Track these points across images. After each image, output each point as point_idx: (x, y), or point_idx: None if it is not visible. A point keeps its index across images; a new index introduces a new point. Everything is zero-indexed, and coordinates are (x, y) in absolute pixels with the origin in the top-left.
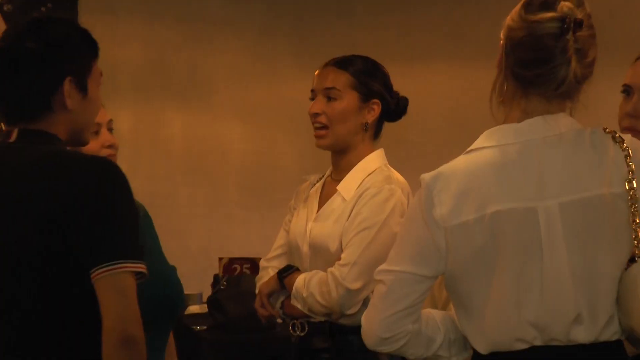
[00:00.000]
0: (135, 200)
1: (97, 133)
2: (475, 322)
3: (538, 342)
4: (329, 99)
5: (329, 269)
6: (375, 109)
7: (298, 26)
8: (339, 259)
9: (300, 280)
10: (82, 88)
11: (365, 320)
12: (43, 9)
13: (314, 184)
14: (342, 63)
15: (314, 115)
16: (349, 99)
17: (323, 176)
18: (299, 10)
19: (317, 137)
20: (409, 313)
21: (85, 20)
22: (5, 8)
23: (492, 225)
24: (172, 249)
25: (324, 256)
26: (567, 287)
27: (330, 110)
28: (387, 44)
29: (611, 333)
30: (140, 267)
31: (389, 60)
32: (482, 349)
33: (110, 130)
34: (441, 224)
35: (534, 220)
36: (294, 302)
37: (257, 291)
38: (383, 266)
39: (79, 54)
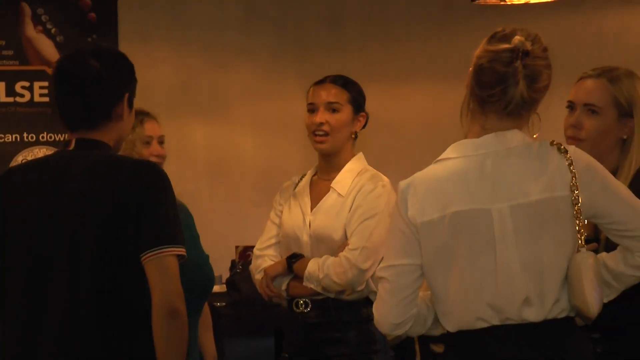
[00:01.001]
0: (178, 201)
1: (148, 144)
2: (443, 304)
3: (496, 322)
4: (333, 111)
5: (341, 254)
6: (361, 121)
7: (300, 53)
8: (344, 245)
9: (313, 264)
10: (130, 104)
11: (377, 311)
12: (89, 39)
13: (296, 183)
14: (341, 82)
15: (319, 125)
16: (347, 112)
17: (303, 176)
18: (301, 40)
19: (318, 142)
20: (412, 299)
21: (124, 48)
22: (58, 39)
23: (452, 223)
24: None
25: (326, 244)
26: (517, 275)
27: (333, 120)
28: (374, 67)
29: (559, 311)
30: (181, 250)
31: (376, 80)
32: (451, 328)
33: (161, 143)
34: (412, 222)
35: (489, 219)
36: (306, 283)
37: (258, 276)
38: (382, 264)
39: (131, 74)
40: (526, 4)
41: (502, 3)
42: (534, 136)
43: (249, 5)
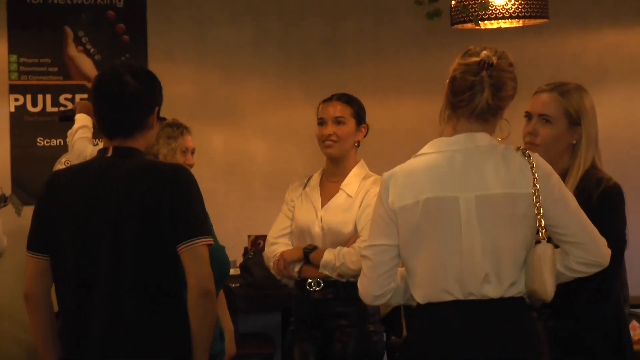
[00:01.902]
0: None
1: (185, 153)
2: (415, 279)
3: (460, 296)
4: (339, 124)
5: (354, 245)
6: (363, 131)
7: (303, 70)
8: (352, 237)
9: (329, 254)
10: (158, 115)
11: (361, 285)
12: (123, 58)
13: (305, 184)
14: (345, 99)
15: (328, 136)
16: (350, 124)
17: (310, 178)
18: (304, 59)
19: (327, 147)
20: (390, 274)
21: (152, 66)
22: (95, 58)
23: (425, 208)
24: (215, 230)
25: (336, 235)
26: (478, 255)
27: (340, 132)
28: (368, 83)
29: (515, 292)
30: (210, 240)
31: (370, 93)
32: (420, 300)
33: (192, 154)
34: (391, 207)
35: (456, 206)
36: (322, 270)
37: (276, 259)
38: (365, 244)
39: (160, 89)
40: (498, 29)
41: (477, 28)
42: (499, 139)
43: (258, 29)
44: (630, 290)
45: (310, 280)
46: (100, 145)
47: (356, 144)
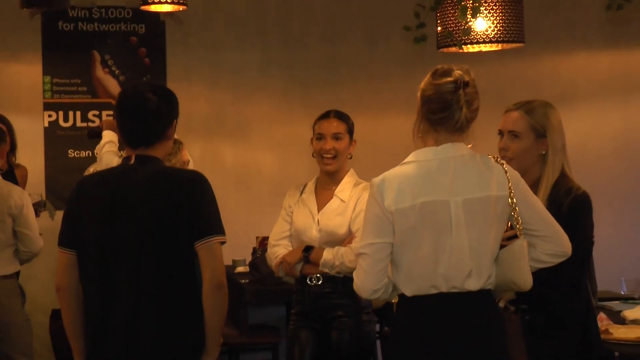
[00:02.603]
0: None
1: (183, 166)
2: (405, 273)
3: (444, 289)
4: (337, 139)
5: (351, 245)
6: (354, 145)
7: (304, 90)
8: (347, 238)
9: (328, 254)
10: (174, 128)
11: (360, 280)
12: (144, 78)
13: (301, 190)
14: (341, 117)
15: (328, 150)
16: (346, 140)
17: (305, 185)
18: (305, 80)
19: (327, 164)
20: (385, 270)
21: (171, 85)
22: (120, 78)
23: (420, 211)
24: (227, 232)
25: (332, 237)
26: (465, 253)
27: (338, 146)
28: (363, 100)
29: (489, 284)
30: (224, 238)
31: (365, 110)
32: (408, 292)
33: (187, 164)
34: (388, 209)
35: (447, 209)
36: (322, 268)
37: (276, 260)
38: (362, 242)
39: (177, 105)
40: (479, 52)
41: (460, 51)
42: (469, 146)
43: (264, 53)
44: (598, 284)
45: (311, 276)
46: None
47: (349, 156)
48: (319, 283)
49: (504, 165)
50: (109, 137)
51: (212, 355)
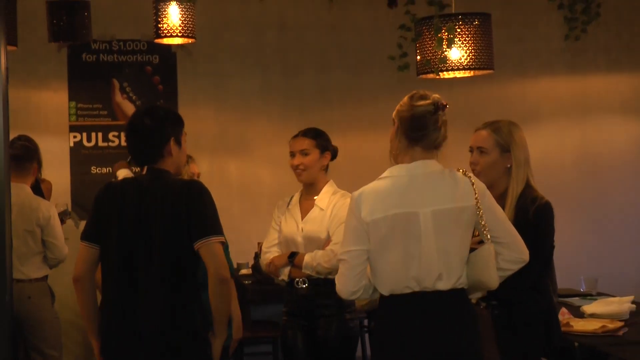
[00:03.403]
0: None
1: (192, 177)
2: (380, 276)
3: (417, 289)
4: (304, 155)
5: (327, 248)
6: (327, 157)
7: (301, 112)
8: (328, 242)
9: (308, 258)
10: (178, 144)
11: (340, 283)
12: (159, 102)
13: (288, 202)
14: (310, 134)
15: (297, 166)
16: (314, 154)
17: (291, 198)
18: (300, 103)
19: (298, 175)
20: (363, 274)
21: (182, 109)
22: (137, 103)
23: (391, 221)
24: (232, 238)
25: (315, 242)
26: (434, 259)
27: (306, 161)
28: (351, 121)
29: (459, 284)
30: (222, 238)
31: (353, 129)
32: (385, 292)
33: (198, 177)
34: (364, 220)
35: (417, 219)
36: (304, 270)
37: (267, 263)
38: (342, 249)
39: (175, 123)
40: (454, 78)
41: (437, 77)
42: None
43: (264, 80)
44: (559, 283)
45: (297, 279)
46: None
47: (323, 168)
48: (304, 286)
49: (471, 178)
50: (123, 173)
51: (219, 337)
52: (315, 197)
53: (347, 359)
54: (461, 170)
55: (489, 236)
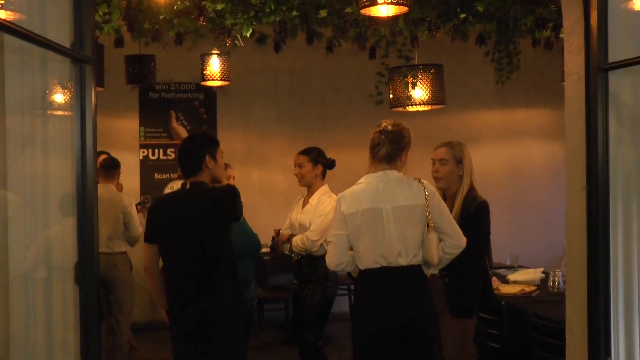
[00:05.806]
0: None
1: (228, 179)
2: (357, 254)
3: (384, 264)
4: (300, 167)
5: (305, 233)
6: (320, 168)
7: (306, 134)
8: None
9: (297, 239)
10: (214, 159)
11: (328, 258)
12: (203, 128)
13: (299, 199)
14: (304, 152)
15: (296, 175)
16: (307, 166)
17: (303, 196)
18: (306, 127)
19: (298, 181)
20: (345, 251)
21: (220, 132)
22: (188, 128)
23: (362, 215)
24: (256, 226)
25: (304, 228)
26: (394, 241)
27: (302, 171)
28: (342, 141)
29: (416, 261)
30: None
31: (345, 147)
32: (361, 266)
33: (233, 179)
34: (344, 212)
35: (380, 213)
36: (293, 248)
37: (280, 235)
38: (329, 233)
39: (210, 144)
40: (417, 111)
41: (405, 110)
42: (401, 173)
43: (279, 112)
44: (493, 259)
45: (293, 253)
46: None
47: (317, 176)
48: (296, 258)
49: (423, 184)
50: (177, 184)
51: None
52: (310, 197)
53: (323, 314)
54: (417, 179)
55: (432, 227)
